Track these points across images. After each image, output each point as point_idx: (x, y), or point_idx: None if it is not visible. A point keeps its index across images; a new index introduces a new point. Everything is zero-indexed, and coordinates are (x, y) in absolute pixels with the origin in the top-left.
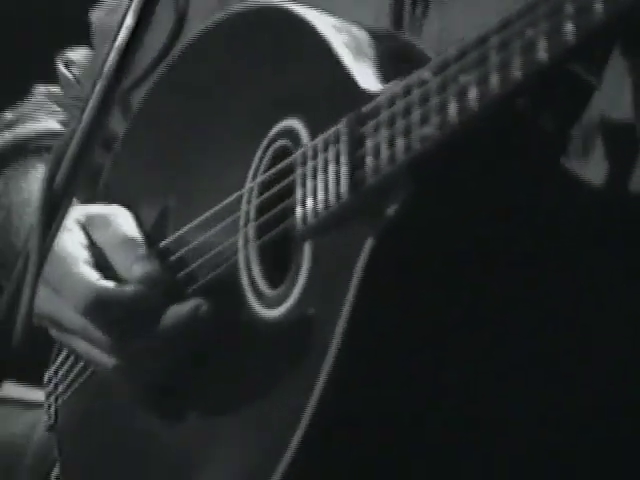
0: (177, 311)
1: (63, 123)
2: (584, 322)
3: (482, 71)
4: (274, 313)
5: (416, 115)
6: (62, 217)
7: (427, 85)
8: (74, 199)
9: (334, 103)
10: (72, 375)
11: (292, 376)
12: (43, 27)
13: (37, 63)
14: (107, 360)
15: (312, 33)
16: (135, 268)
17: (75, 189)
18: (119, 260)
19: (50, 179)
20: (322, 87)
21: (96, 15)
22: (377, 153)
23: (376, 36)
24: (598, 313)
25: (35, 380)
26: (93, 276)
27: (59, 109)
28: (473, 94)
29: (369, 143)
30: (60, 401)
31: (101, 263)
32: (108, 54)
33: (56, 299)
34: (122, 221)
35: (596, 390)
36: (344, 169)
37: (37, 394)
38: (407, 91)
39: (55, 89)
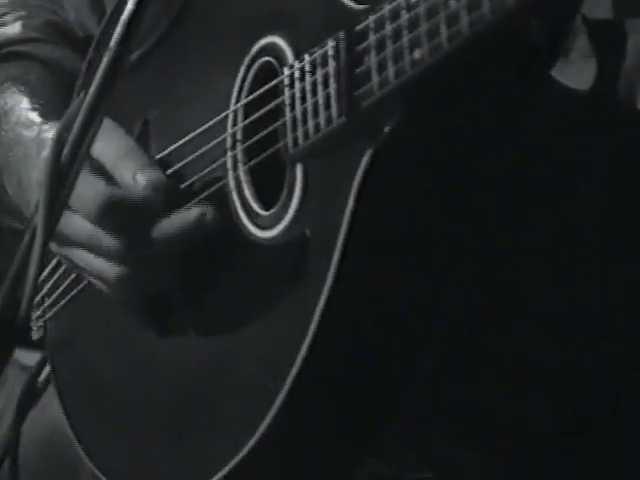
0: (184, 217)
1: (29, 26)
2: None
3: None
4: (269, 234)
5: (406, 40)
6: (69, 191)
7: (416, 9)
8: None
9: (317, 19)
10: (61, 288)
11: (294, 293)
12: None
13: None
14: (110, 269)
15: None
16: (139, 176)
17: (82, 163)
18: (122, 170)
19: (57, 152)
20: (303, 5)
21: None
22: (367, 77)
23: None
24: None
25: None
26: (101, 182)
27: (23, 12)
28: (464, 20)
29: (358, 67)
30: (48, 314)
31: (103, 175)
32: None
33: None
34: (116, 133)
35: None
36: (340, 90)
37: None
38: (396, 15)
39: None
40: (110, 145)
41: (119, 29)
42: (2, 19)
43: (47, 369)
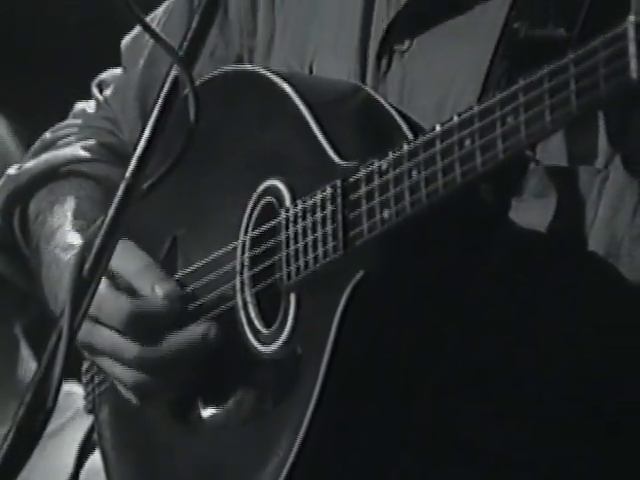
0: (191, 332)
1: (88, 148)
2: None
3: (430, 171)
4: (269, 349)
5: (377, 201)
6: (90, 299)
7: (386, 176)
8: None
9: (309, 169)
10: None
11: (288, 401)
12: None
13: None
14: (129, 375)
15: (292, 104)
16: (157, 288)
17: (101, 276)
18: (142, 282)
19: (79, 266)
20: (299, 155)
21: (125, 41)
22: (359, 221)
23: (344, 95)
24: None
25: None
26: (123, 297)
27: (87, 134)
28: (423, 191)
29: (352, 212)
30: (97, 391)
31: (126, 287)
32: (129, 165)
33: (87, 325)
34: (136, 252)
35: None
36: (337, 230)
37: None
38: (369, 178)
39: (90, 108)
40: (132, 261)
41: (133, 162)
42: (68, 139)
43: None
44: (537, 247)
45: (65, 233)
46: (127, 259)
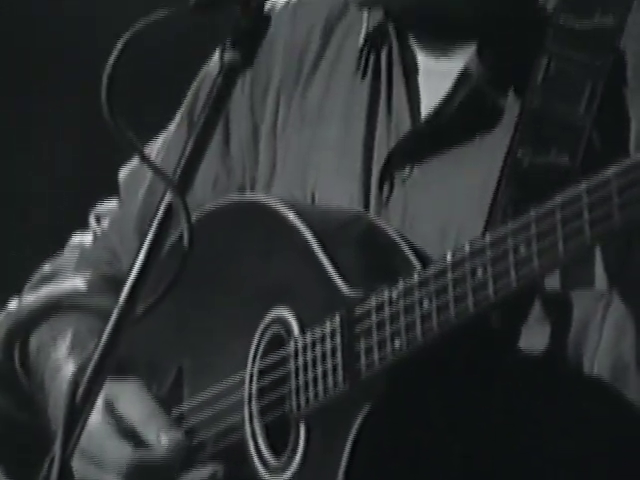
0: (199, 475)
1: (86, 281)
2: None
3: (442, 301)
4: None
5: (387, 331)
6: (83, 426)
7: (396, 305)
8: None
9: (316, 298)
10: None
11: None
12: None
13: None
14: None
15: (297, 233)
16: (162, 437)
17: (93, 403)
18: (147, 430)
19: (72, 394)
20: (306, 284)
21: (123, 173)
22: (370, 352)
23: (348, 223)
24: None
25: None
26: (128, 446)
27: (85, 267)
28: (434, 321)
29: (360, 343)
30: None
31: (131, 433)
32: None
33: (94, 470)
34: (142, 395)
35: None
36: (345, 361)
37: None
38: (380, 307)
39: (87, 240)
40: (138, 407)
41: (126, 288)
42: (66, 272)
43: None
44: (539, 371)
45: (70, 368)
46: (134, 404)
